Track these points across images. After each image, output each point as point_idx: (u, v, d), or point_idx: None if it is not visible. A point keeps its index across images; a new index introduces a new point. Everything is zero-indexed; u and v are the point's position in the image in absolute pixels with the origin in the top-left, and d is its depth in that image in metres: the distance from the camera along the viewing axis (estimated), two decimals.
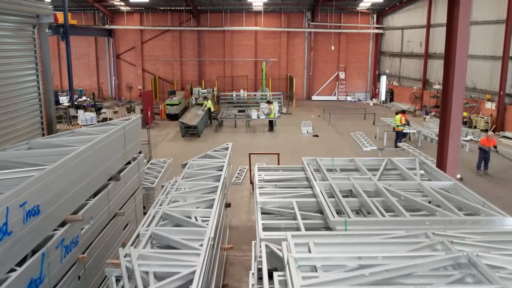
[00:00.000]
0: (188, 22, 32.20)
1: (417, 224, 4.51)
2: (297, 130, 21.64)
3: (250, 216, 10.95)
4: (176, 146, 18.49)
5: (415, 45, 28.19)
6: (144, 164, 8.98)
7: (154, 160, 13.52)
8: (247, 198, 12.20)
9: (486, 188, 12.89)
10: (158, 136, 20.44)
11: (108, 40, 32.90)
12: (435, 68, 26.11)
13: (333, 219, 4.53)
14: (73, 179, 5.51)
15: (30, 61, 7.58)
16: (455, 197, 5.47)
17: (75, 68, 32.72)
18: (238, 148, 18.11)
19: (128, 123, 7.58)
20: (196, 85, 31.37)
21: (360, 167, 6.67)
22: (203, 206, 5.45)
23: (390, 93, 30.83)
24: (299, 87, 32.83)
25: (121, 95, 33.46)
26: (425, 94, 26.80)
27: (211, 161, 7.42)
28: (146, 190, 10.94)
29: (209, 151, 7.99)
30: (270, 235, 4.49)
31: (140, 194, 8.59)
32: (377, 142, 18.93)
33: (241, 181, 13.53)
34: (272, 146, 18.48)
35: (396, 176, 6.64)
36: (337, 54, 32.78)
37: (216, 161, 7.32)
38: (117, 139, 7.02)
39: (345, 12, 32.08)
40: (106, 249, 6.47)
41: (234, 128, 22.51)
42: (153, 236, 4.50)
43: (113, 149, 6.87)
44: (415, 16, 28.11)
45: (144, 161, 8.90)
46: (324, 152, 17.36)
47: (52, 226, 4.98)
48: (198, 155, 7.94)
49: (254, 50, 32.75)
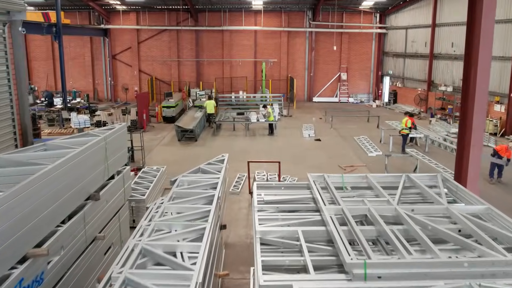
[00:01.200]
0: (186, 21, 31.33)
1: (453, 267, 3.66)
2: (298, 134, 20.78)
3: (249, 231, 10.09)
4: (171, 151, 17.62)
5: (420, 45, 27.34)
6: (131, 178, 8.12)
7: (147, 168, 12.65)
8: (246, 210, 11.34)
9: (501, 198, 12.04)
10: (153, 140, 19.58)
11: (103, 40, 32.02)
12: (441, 69, 25.26)
13: (350, 261, 3.67)
14: (39, 204, 4.67)
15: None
16: (489, 226, 4.62)
17: (70, 69, 31.91)
18: (236, 152, 17.28)
19: (111, 133, 6.71)
20: (194, 87, 30.53)
21: (374, 185, 5.80)
22: (192, 238, 4.59)
23: (394, 95, 29.96)
24: (300, 88, 31.97)
25: (117, 97, 32.59)
26: (430, 96, 25.96)
27: (203, 177, 6.55)
28: (136, 203, 10.11)
29: (202, 164, 7.13)
30: (272, 280, 3.64)
31: (126, 211, 7.73)
32: (382, 146, 18.08)
33: (239, 190, 12.66)
34: (272, 150, 17.62)
35: (417, 196, 5.77)
36: (339, 55, 31.93)
37: (209, 177, 6.45)
38: (97, 152, 6.16)
39: (347, 11, 31.21)
40: (83, 280, 5.61)
41: (232, 131, 21.65)
42: (126, 282, 3.64)
43: (91, 164, 6.01)
44: (420, 15, 27.25)
45: (130, 174, 8.02)
46: (327, 158, 16.51)
47: (8, 265, 4.12)
48: (190, 169, 7.07)
49: (253, 50, 31.88)
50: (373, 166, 15.24)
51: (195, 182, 6.26)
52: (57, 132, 21.37)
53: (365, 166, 15.35)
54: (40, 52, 32.13)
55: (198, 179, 6.37)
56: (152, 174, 12.02)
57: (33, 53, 32.24)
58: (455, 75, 23.93)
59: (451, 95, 23.63)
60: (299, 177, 13.76)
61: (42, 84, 32.05)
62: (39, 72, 32.50)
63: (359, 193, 5.82)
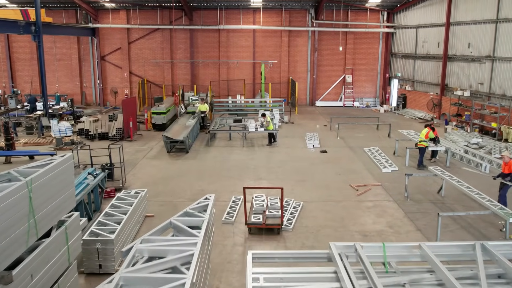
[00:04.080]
0: (180, 20, 29.22)
1: None
2: (301, 144, 18.70)
3: (244, 280, 8.00)
4: (158, 166, 15.53)
5: (432, 45, 25.25)
6: (80, 227, 6.02)
7: (123, 193, 10.55)
8: (241, 247, 9.25)
9: None
10: (139, 152, 17.48)
11: (91, 40, 29.91)
12: (456, 72, 23.18)
13: None
14: None
15: None
16: None
17: (55, 71, 29.85)
18: (232, 168, 15.20)
19: (42, 173, 4.63)
20: (188, 90, 28.46)
21: (433, 263, 3.72)
22: None
23: (403, 99, 27.87)
24: (301, 91, 29.90)
25: (107, 100, 30.48)
26: (443, 101, 23.88)
27: (173, 243, 4.43)
28: (102, 244, 8.03)
29: (173, 217, 5.02)
30: None
31: (74, 273, 5.63)
32: (397, 160, 16.00)
33: (234, 219, 10.59)
34: (272, 165, 15.55)
35: (502, 284, 3.70)
36: (343, 56, 29.85)
37: (182, 243, 4.35)
38: (11, 207, 4.07)
39: (353, 9, 29.12)
40: None
41: (228, 140, 19.56)
42: None
43: (2, 227, 3.93)
44: (432, 13, 25.17)
45: (79, 223, 5.93)
46: (335, 174, 14.43)
47: None
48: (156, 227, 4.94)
49: (252, 51, 29.76)
50: (389, 185, 13.17)
51: (158, 254, 4.15)
52: (34, 142, 19.30)
53: (380, 185, 13.27)
54: (23, 53, 30.01)
55: (164, 247, 4.26)
56: (128, 202, 9.93)
57: (16, 53, 30.12)
58: (472, 78, 21.85)
59: (468, 100, 21.56)
60: (304, 201, 11.71)
61: (26, 87, 29.95)
62: (23, 75, 30.39)
63: (411, 277, 3.74)
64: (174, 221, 4.81)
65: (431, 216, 10.79)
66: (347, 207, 11.45)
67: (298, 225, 10.28)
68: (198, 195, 12.35)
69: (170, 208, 11.37)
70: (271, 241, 9.49)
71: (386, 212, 11.10)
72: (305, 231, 9.94)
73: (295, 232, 9.91)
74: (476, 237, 9.64)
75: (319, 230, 10.02)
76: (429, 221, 10.53)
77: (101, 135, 19.66)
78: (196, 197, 12.22)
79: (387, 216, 10.87)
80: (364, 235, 9.77)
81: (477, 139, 18.45)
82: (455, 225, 10.31)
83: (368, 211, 11.17)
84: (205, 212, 5.15)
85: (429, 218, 10.68)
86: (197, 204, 5.48)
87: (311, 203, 11.68)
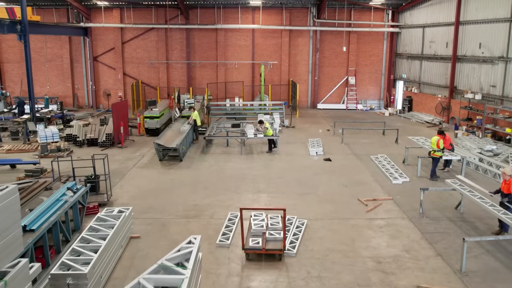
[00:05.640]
0: (176, 19, 28.02)
1: None
2: (303, 151, 17.50)
3: None
4: (149, 176, 14.31)
5: (440, 45, 24.05)
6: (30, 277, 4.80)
7: (104, 212, 9.33)
8: (237, 277, 8.03)
9: None
10: (129, 160, 16.27)
11: (84, 40, 28.69)
12: (466, 74, 21.98)
13: None
14: None
15: None
16: None
17: (46, 72, 28.68)
18: (228, 178, 13.96)
19: None
20: (184, 92, 27.24)
21: None
22: None
23: (409, 101, 26.68)
24: (303, 93, 28.69)
25: (99, 103, 29.24)
26: (452, 104, 22.69)
27: None
28: (73, 279, 6.82)
29: (143, 274, 3.83)
30: None
31: None
32: (407, 170, 14.81)
33: (230, 241, 9.36)
34: (273, 175, 14.34)
35: None
36: (346, 56, 28.64)
37: None
38: None
39: (356, 8, 27.92)
40: None
41: (226, 147, 18.36)
42: None
43: None
44: (440, 12, 23.97)
45: (29, 272, 4.72)
46: (341, 186, 13.22)
47: None
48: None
49: (251, 51, 28.54)
50: (402, 200, 11.96)
51: None
52: (18, 148, 18.06)
53: (391, 199, 12.07)
54: (13, 54, 28.77)
55: None
56: (109, 224, 8.72)
57: (5, 54, 28.89)
58: (483, 80, 20.66)
59: (479, 104, 20.38)
60: (308, 219, 10.51)
61: (16, 89, 28.73)
62: (12, 76, 29.16)
63: None
64: (143, 281, 3.62)
65: (451, 238, 9.60)
66: (357, 226, 10.25)
67: (303, 248, 9.07)
68: (191, 211, 11.15)
69: (159, 227, 10.17)
70: (272, 269, 8.28)
71: (400, 233, 9.89)
72: (310, 257, 8.74)
73: (299, 258, 8.70)
74: (504, 264, 8.46)
75: (327, 255, 8.82)
76: (450, 243, 9.33)
77: (90, 141, 18.45)
78: (188, 213, 11.03)
79: (402, 237, 9.66)
80: (378, 261, 8.56)
81: (491, 145, 17.25)
82: (479, 248, 9.11)
83: (380, 232, 9.96)
84: (188, 262, 3.95)
85: (450, 240, 9.48)
86: (177, 251, 4.28)
87: (316, 221, 10.48)
